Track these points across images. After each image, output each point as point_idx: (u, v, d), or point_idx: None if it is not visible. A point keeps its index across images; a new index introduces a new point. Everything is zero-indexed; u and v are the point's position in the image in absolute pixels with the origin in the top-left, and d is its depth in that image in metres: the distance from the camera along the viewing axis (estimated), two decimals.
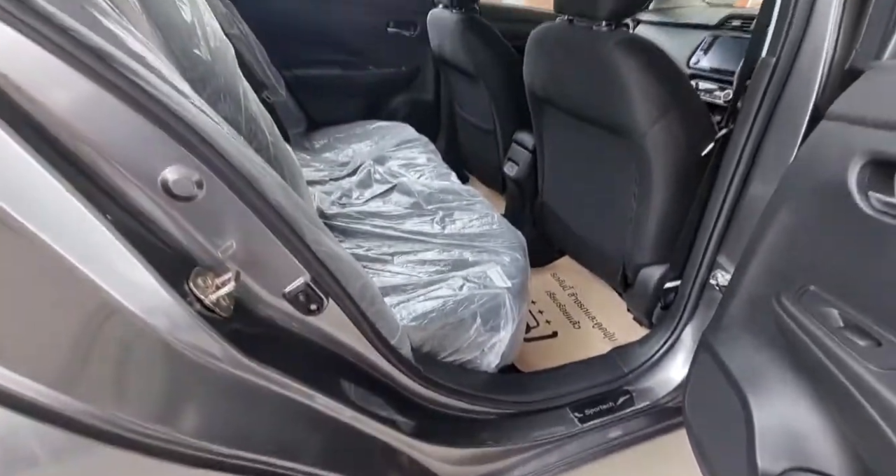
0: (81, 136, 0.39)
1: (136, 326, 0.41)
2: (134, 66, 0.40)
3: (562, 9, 0.94)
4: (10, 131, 0.33)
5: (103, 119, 0.39)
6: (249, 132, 0.96)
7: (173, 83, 0.45)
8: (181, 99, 0.44)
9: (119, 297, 0.40)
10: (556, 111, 1.13)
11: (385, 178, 1.34)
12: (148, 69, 0.42)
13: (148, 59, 0.43)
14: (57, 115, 0.37)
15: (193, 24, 0.80)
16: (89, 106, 0.38)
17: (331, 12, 1.64)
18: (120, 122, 0.40)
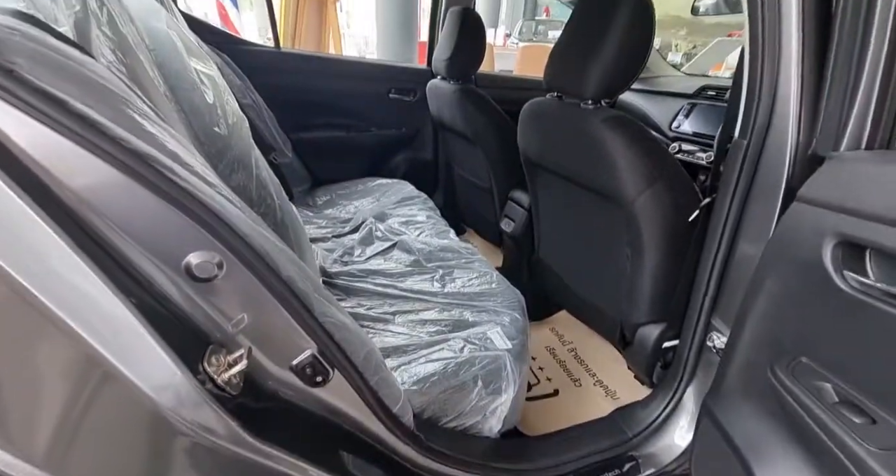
0: (115, 225, 0.42)
1: (142, 403, 0.42)
2: (169, 164, 0.44)
3: (551, 87, 1.04)
4: (46, 219, 0.36)
5: (138, 211, 0.43)
6: (259, 197, 1.01)
7: (203, 175, 0.49)
8: (209, 189, 0.48)
9: (128, 374, 0.42)
10: (549, 175, 1.20)
11: (386, 236, 1.38)
12: (182, 165, 0.46)
13: (181, 156, 0.47)
14: (95, 206, 0.41)
15: (214, 105, 0.87)
16: (127, 200, 0.42)
17: (336, 83, 1.77)
18: (153, 214, 0.43)
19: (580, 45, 0.92)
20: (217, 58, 1.46)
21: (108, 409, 0.42)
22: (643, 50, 0.88)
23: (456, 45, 1.47)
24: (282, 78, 1.69)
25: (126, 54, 0.56)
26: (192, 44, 0.93)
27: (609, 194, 0.96)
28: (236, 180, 0.93)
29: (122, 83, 0.46)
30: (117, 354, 0.41)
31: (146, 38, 0.73)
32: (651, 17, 0.85)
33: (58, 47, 0.40)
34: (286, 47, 1.93)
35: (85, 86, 0.40)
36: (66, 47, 0.41)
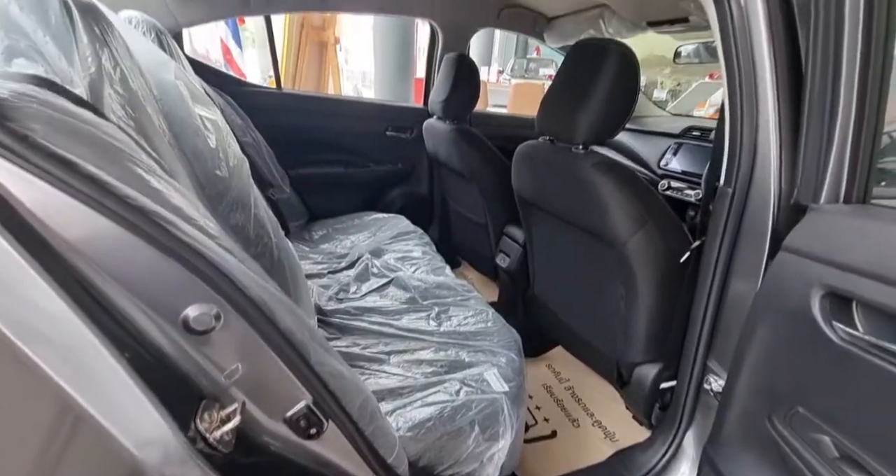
0: (114, 278, 0.43)
1: (123, 460, 0.41)
2: (172, 219, 0.45)
3: (544, 132, 1.08)
4: (44, 275, 0.36)
5: (139, 265, 0.43)
6: (256, 236, 1.02)
7: (204, 227, 0.50)
8: (209, 241, 0.49)
9: (112, 430, 0.40)
10: (542, 213, 1.23)
11: (382, 272, 1.38)
12: (184, 219, 0.47)
13: (184, 210, 0.48)
14: (94, 260, 0.41)
15: (217, 149, 0.90)
16: (128, 255, 0.42)
17: (335, 121, 1.83)
18: (154, 268, 0.44)
19: (570, 93, 0.96)
20: (220, 99, 1.51)
21: (89, 466, 0.41)
22: (630, 100, 0.93)
23: (451, 88, 1.53)
24: (283, 117, 1.74)
25: (135, 109, 0.58)
26: (198, 90, 0.96)
27: (601, 235, 0.98)
28: (235, 220, 0.94)
29: (130, 141, 0.47)
30: (103, 409, 0.41)
31: (154, 89, 0.76)
32: (636, 70, 0.90)
33: (72, 111, 0.42)
34: (287, 87, 2.00)
35: (96, 147, 0.42)
36: (80, 110, 0.43)
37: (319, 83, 3.00)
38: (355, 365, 1.03)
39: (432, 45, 1.85)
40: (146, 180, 0.46)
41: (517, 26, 1.88)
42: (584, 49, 0.96)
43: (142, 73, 0.71)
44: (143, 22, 1.04)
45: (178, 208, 0.48)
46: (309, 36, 2.74)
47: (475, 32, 1.85)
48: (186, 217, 0.48)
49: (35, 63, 0.44)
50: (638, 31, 1.62)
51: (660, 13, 1.43)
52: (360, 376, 1.00)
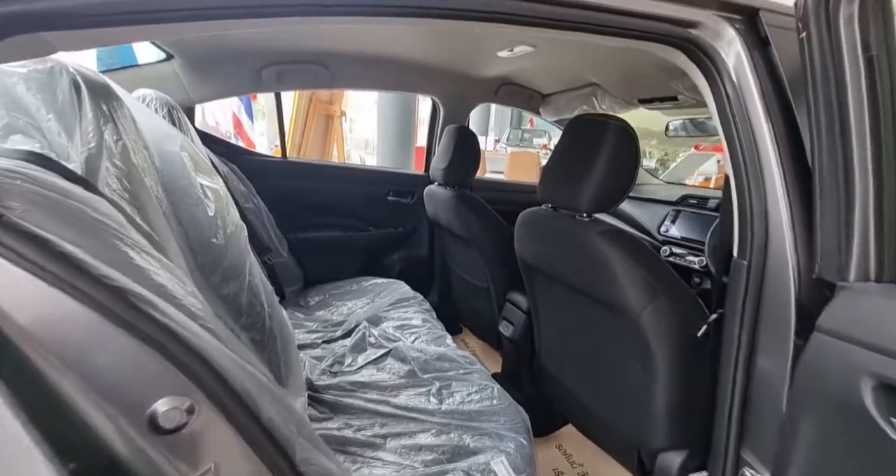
0: (70, 367, 0.38)
1: None
2: (151, 298, 0.41)
3: (546, 199, 1.08)
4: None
5: (103, 351, 0.39)
6: (248, 305, 0.97)
7: (188, 306, 0.46)
8: (191, 323, 0.44)
9: None
10: (547, 280, 1.19)
11: (380, 342, 1.30)
12: (166, 298, 0.43)
13: (168, 288, 0.45)
14: (48, 346, 0.36)
15: (215, 217, 0.88)
16: (91, 340, 0.38)
17: (337, 186, 1.87)
18: (121, 355, 0.39)
19: (573, 165, 0.98)
20: (225, 167, 1.55)
21: None
22: (631, 173, 0.94)
23: (453, 157, 1.58)
24: (286, 183, 1.77)
25: (132, 182, 0.57)
26: (202, 160, 0.97)
27: (612, 305, 0.94)
28: (228, 289, 0.90)
29: (120, 216, 0.45)
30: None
31: (157, 160, 0.76)
32: (636, 144, 0.92)
33: (61, 186, 0.40)
34: (293, 156, 2.07)
35: (81, 224, 0.40)
36: (71, 185, 0.41)
37: (324, 152, 3.13)
38: (347, 451, 0.92)
39: (434, 117, 1.95)
40: (130, 257, 0.43)
41: (514, 102, 2.01)
42: (584, 123, 0.99)
43: (146, 146, 0.72)
44: (156, 98, 1.09)
45: (161, 287, 0.44)
46: (316, 109, 2.92)
47: (475, 106, 1.96)
48: (169, 296, 0.44)
49: (31, 139, 0.43)
50: (630, 107, 1.72)
51: (650, 92, 1.53)
52: (353, 466, 0.89)
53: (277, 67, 1.47)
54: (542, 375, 1.35)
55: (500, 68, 1.66)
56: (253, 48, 1.38)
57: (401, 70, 1.66)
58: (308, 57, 1.48)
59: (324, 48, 1.44)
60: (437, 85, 1.81)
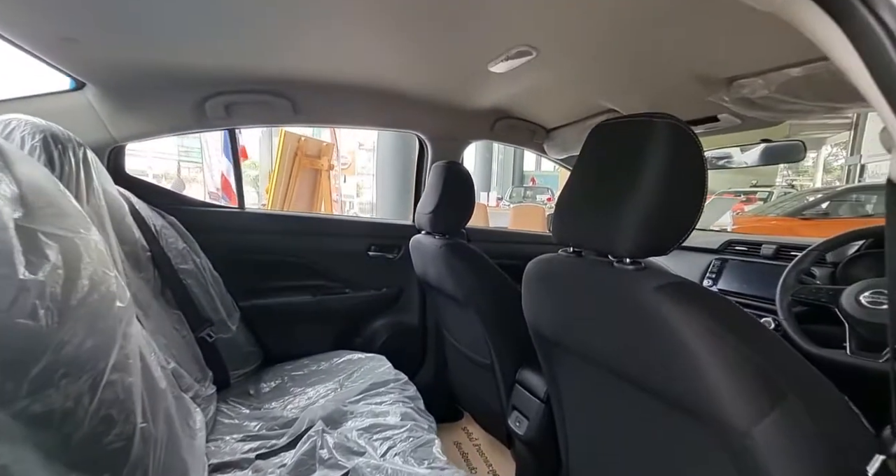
0: None
1: None
2: None
3: (566, 240, 0.74)
4: None
5: None
6: (101, 422, 0.60)
7: None
8: None
9: None
10: (573, 358, 0.81)
11: (334, 458, 0.89)
12: None
13: None
14: None
15: (38, 284, 0.55)
16: None
17: (306, 241, 1.56)
18: None
19: (604, 188, 0.66)
20: (161, 220, 1.26)
21: None
22: (698, 189, 0.61)
23: (440, 198, 1.27)
24: (243, 238, 1.47)
25: None
26: (58, 199, 0.67)
27: (690, 407, 0.55)
28: (46, 404, 0.54)
29: None
30: None
31: None
32: (698, 147, 0.61)
33: None
34: (254, 207, 1.79)
35: None
36: None
37: (311, 207, 2.89)
38: None
39: (421, 158, 1.69)
40: None
41: (513, 138, 1.75)
42: (617, 128, 0.69)
43: None
44: (26, 125, 0.82)
45: None
46: (302, 163, 2.73)
47: (467, 145, 1.71)
48: None
49: None
50: None
51: (683, 113, 1.23)
52: None
53: (225, 98, 1.23)
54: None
55: (495, 95, 1.42)
56: (193, 73, 1.14)
57: (378, 102, 1.42)
58: (264, 85, 1.25)
59: (283, 74, 1.20)
60: (423, 120, 1.56)
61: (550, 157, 1.84)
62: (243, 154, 3.58)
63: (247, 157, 3.75)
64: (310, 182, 2.85)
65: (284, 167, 2.62)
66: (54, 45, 0.94)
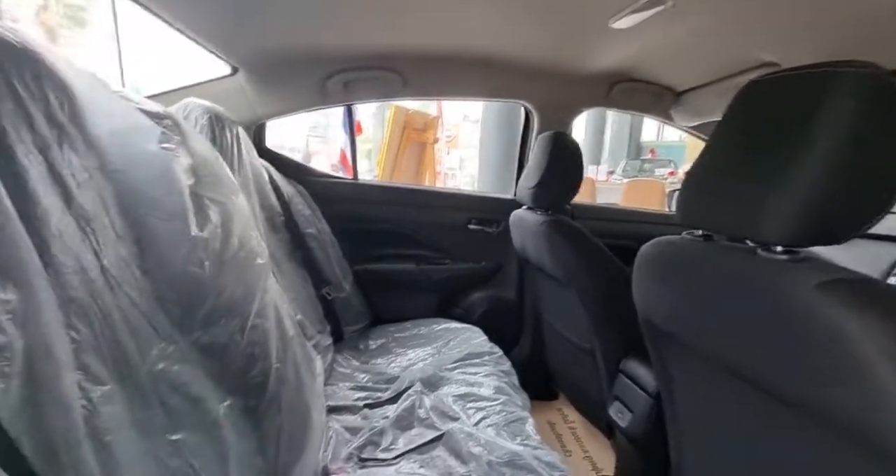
0: None
1: None
2: None
3: (694, 222, 0.64)
4: None
5: None
6: (246, 358, 0.71)
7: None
8: None
9: None
10: (693, 356, 0.72)
11: (431, 419, 0.95)
12: None
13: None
14: None
15: (203, 238, 0.66)
16: None
17: (410, 212, 1.62)
18: None
19: (752, 157, 0.55)
20: (291, 189, 1.42)
21: None
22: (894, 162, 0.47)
23: (546, 171, 1.20)
24: (356, 208, 1.59)
25: None
26: (217, 171, 0.79)
27: (872, 439, 0.44)
28: (212, 336, 0.66)
29: None
30: None
31: (116, 161, 0.57)
32: None
33: None
34: (367, 178, 1.92)
35: None
36: None
37: (417, 179, 3.01)
38: None
39: (526, 129, 1.61)
40: None
41: (633, 104, 1.56)
42: (782, 84, 0.56)
43: (92, 143, 0.53)
44: (198, 108, 0.98)
45: None
46: (409, 137, 2.83)
47: (578, 113, 1.57)
48: None
49: None
50: None
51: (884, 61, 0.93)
52: None
53: (344, 76, 1.31)
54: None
55: (615, 56, 1.26)
56: (317, 55, 1.24)
57: (484, 72, 1.37)
58: (377, 61, 1.30)
59: (393, 49, 1.23)
60: (530, 88, 1.47)
61: (678, 124, 1.60)
62: (358, 129, 3.85)
63: (361, 132, 4.03)
64: (416, 155, 2.95)
65: (393, 140, 2.75)
66: (216, 34, 1.10)
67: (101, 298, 0.47)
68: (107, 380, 0.44)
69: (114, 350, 0.47)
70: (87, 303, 0.45)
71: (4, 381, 0.31)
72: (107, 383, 0.44)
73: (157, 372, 0.53)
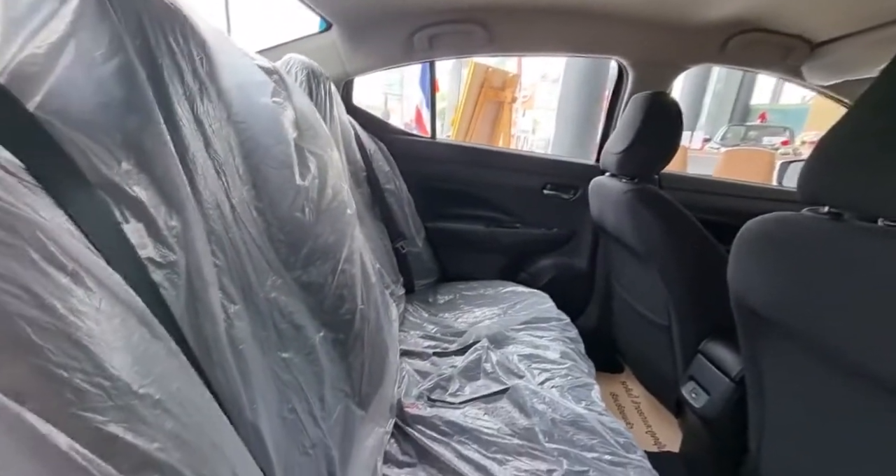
0: None
1: None
2: None
3: (819, 197, 0.57)
4: None
5: None
6: (336, 297, 0.79)
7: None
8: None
9: None
10: (793, 345, 0.66)
11: (497, 373, 0.99)
12: None
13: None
14: None
15: (305, 187, 0.73)
16: None
17: (485, 173, 1.61)
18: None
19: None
20: (373, 145, 1.48)
21: None
22: None
23: (637, 136, 1.11)
24: (432, 166, 1.62)
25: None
26: (313, 125, 0.84)
27: None
28: (310, 276, 0.74)
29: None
30: None
31: (239, 112, 0.63)
32: None
33: None
34: (443, 137, 1.92)
35: None
36: None
37: (490, 140, 2.95)
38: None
39: (618, 87, 1.49)
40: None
41: (754, 59, 1.35)
42: None
43: (219, 94, 0.59)
44: (298, 63, 1.03)
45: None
46: (487, 95, 2.74)
47: (682, 71, 1.41)
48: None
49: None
50: None
51: None
52: None
53: (429, 30, 1.29)
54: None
55: (737, 1, 1.09)
56: (407, 8, 1.23)
57: (576, 24, 1.27)
58: (463, 15, 1.25)
59: (481, 1, 1.18)
60: (628, 41, 1.33)
61: (810, 83, 1.37)
62: (436, 87, 3.81)
63: (438, 90, 3.98)
64: (492, 114, 2.87)
65: (470, 99, 2.69)
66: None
67: (231, 232, 0.55)
68: (237, 300, 0.52)
69: (241, 276, 0.54)
70: (222, 234, 0.52)
71: (175, 290, 0.38)
72: (237, 303, 0.51)
73: (271, 299, 0.61)
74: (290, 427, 0.56)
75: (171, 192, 0.42)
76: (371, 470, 0.71)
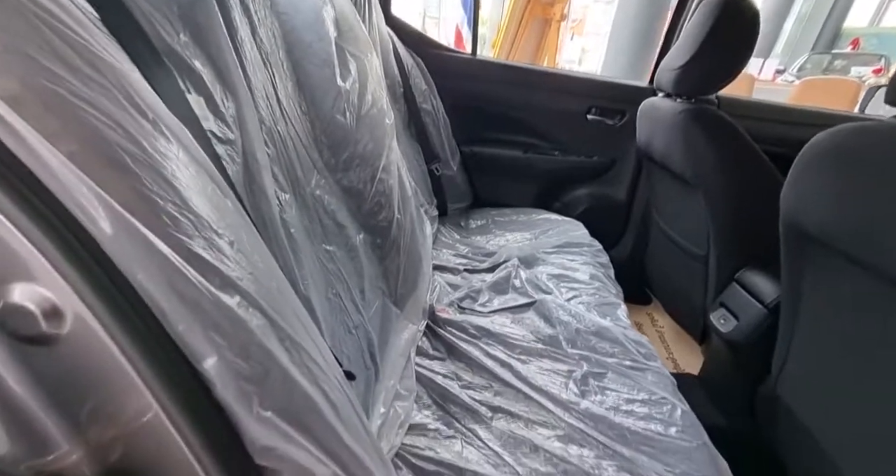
0: None
1: None
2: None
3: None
4: None
5: None
6: (374, 203, 0.82)
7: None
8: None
9: None
10: (853, 270, 0.64)
11: (525, 288, 1.03)
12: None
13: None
14: None
15: (346, 89, 0.72)
16: None
17: (524, 94, 1.52)
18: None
19: None
20: (411, 60, 1.41)
21: None
22: None
23: (703, 45, 1.00)
24: (471, 85, 1.54)
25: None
26: (354, 26, 0.80)
27: None
28: (350, 180, 0.76)
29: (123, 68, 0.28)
30: None
31: (281, 3, 0.61)
32: None
33: None
34: (484, 56, 1.79)
35: None
36: None
37: (534, 60, 2.74)
38: (448, 410, 0.73)
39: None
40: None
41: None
42: None
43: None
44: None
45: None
46: (534, 11, 2.49)
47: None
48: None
49: None
50: None
51: None
52: (447, 430, 0.69)
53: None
54: (776, 415, 0.84)
55: None
56: None
57: None
58: None
59: None
60: None
61: None
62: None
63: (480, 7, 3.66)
64: (537, 33, 2.63)
65: (515, 13, 2.45)
66: None
67: (279, 125, 0.56)
68: (287, 190, 0.55)
69: (289, 169, 0.57)
70: (272, 126, 0.53)
71: (234, 165, 0.41)
72: (287, 192, 0.55)
73: (316, 196, 0.65)
74: (336, 308, 0.62)
75: (224, 73, 0.43)
76: (406, 357, 0.79)
